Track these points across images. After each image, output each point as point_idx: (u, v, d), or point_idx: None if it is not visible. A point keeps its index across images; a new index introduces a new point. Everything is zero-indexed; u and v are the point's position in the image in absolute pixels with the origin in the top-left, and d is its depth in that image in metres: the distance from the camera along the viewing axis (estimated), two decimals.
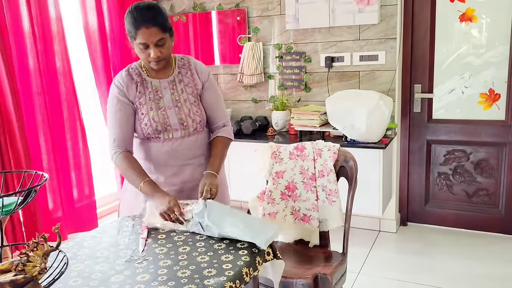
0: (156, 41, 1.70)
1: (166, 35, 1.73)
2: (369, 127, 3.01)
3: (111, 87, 1.84)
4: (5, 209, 1.44)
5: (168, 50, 1.77)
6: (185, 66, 1.90)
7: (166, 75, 1.86)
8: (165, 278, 1.31)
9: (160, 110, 1.81)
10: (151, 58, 1.73)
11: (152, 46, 1.71)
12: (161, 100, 1.82)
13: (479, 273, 2.82)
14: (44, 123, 3.12)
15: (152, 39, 1.69)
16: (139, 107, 1.81)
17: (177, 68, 1.88)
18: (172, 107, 1.82)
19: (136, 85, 1.81)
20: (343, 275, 2.04)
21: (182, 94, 1.85)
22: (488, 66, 3.19)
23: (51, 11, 3.13)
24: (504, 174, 3.27)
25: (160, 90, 1.83)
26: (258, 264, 1.47)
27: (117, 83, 1.82)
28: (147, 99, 1.81)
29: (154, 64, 1.77)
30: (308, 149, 2.22)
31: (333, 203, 2.14)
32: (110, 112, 1.83)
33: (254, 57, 3.69)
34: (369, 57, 3.40)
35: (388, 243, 3.34)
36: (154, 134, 1.80)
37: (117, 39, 3.71)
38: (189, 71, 1.89)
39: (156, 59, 1.74)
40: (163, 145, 1.82)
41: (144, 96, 1.81)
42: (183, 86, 1.86)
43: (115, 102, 1.81)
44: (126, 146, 1.82)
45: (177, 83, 1.86)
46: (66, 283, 1.31)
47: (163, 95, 1.82)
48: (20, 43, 2.95)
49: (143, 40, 1.69)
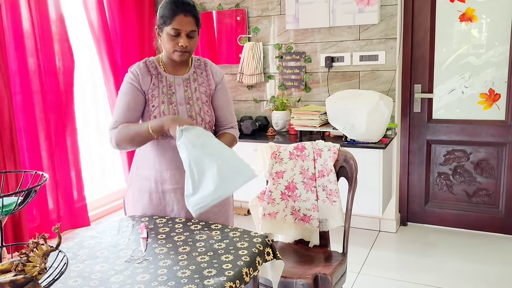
0: (189, 31, 1.74)
1: (197, 30, 1.78)
2: (369, 127, 3.01)
3: (126, 75, 1.84)
4: (5, 209, 1.44)
5: (194, 45, 1.80)
6: (200, 67, 1.93)
7: (181, 72, 1.88)
8: (165, 278, 1.31)
9: (171, 105, 1.82)
10: (178, 47, 1.75)
11: (184, 35, 1.74)
12: (173, 95, 1.83)
13: (479, 273, 2.82)
14: (44, 123, 3.12)
15: (186, 27, 1.73)
16: (151, 99, 1.81)
17: (193, 67, 1.91)
18: (184, 103, 1.83)
19: (151, 77, 1.83)
20: (343, 275, 2.04)
21: (195, 92, 1.87)
22: (488, 66, 3.19)
23: (51, 11, 3.13)
24: (504, 174, 3.27)
25: (173, 86, 1.85)
26: (258, 264, 1.47)
27: (133, 71, 1.83)
28: (160, 92, 1.82)
29: (178, 55, 1.77)
30: (308, 149, 2.22)
31: (333, 203, 2.14)
32: (119, 97, 1.83)
33: (254, 57, 3.69)
34: (369, 57, 3.40)
35: (388, 243, 3.34)
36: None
37: (118, 37, 3.72)
38: (204, 71, 1.92)
39: (184, 49, 1.75)
40: (171, 141, 1.82)
41: (157, 89, 1.82)
42: (197, 85, 1.88)
43: (127, 87, 1.81)
44: None
45: (192, 82, 1.88)
46: (66, 283, 1.31)
47: (176, 91, 1.84)
48: (19, 42, 2.95)
49: (178, 26, 1.72)
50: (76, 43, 3.50)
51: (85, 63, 3.71)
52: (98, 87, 3.82)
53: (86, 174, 3.54)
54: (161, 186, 1.85)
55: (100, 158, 3.96)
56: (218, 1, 3.87)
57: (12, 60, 2.93)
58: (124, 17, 3.77)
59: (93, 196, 3.73)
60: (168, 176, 1.85)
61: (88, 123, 3.84)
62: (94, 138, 3.87)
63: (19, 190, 1.40)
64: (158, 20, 1.78)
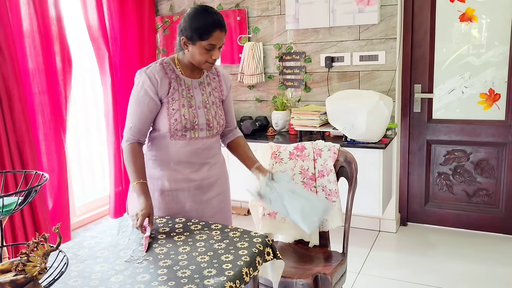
0: (222, 45, 1.81)
1: None
2: (369, 127, 3.01)
3: (141, 76, 1.82)
4: (5, 209, 1.44)
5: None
6: (212, 72, 1.98)
7: (197, 76, 1.92)
8: (165, 278, 1.31)
9: (191, 108, 1.85)
10: (211, 59, 1.80)
11: (217, 49, 1.79)
12: (192, 99, 1.87)
13: (479, 273, 2.82)
14: (44, 123, 3.12)
15: (220, 42, 1.79)
16: (171, 102, 1.83)
17: (205, 72, 1.95)
18: (202, 107, 1.87)
19: (170, 80, 1.83)
20: (343, 275, 2.04)
21: (210, 96, 1.92)
22: (488, 66, 3.19)
23: (51, 10, 3.13)
24: (504, 174, 3.27)
25: (192, 89, 1.88)
26: (258, 264, 1.47)
27: (150, 74, 1.81)
28: (180, 95, 1.84)
29: (209, 65, 1.83)
30: (308, 149, 2.22)
31: (333, 203, 2.14)
32: (134, 101, 1.83)
33: (254, 57, 3.69)
34: (369, 57, 3.40)
35: (388, 243, 3.34)
36: (182, 131, 1.83)
37: (116, 39, 3.72)
38: (216, 77, 1.99)
39: (215, 61, 1.82)
40: (188, 143, 1.85)
41: (177, 93, 1.84)
42: (211, 90, 1.94)
43: (141, 94, 1.81)
44: (139, 138, 1.85)
45: (206, 86, 1.93)
46: (66, 283, 1.31)
47: (194, 95, 1.88)
48: (19, 42, 2.95)
49: (215, 42, 1.76)
50: (76, 43, 3.51)
51: (84, 63, 3.71)
52: (97, 87, 3.80)
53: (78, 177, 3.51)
54: (175, 185, 1.88)
55: (89, 161, 3.90)
56: (218, 1, 3.88)
57: (13, 60, 2.93)
58: (124, 17, 3.76)
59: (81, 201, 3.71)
60: (182, 175, 1.87)
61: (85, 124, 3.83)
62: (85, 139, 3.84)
63: (19, 190, 1.40)
64: (189, 31, 1.76)
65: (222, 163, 2.04)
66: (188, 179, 1.88)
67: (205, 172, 1.92)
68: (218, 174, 2.00)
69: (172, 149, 1.86)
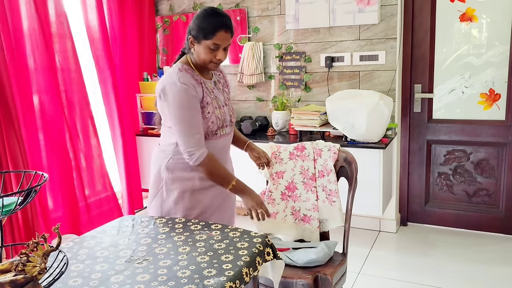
0: (227, 46, 1.83)
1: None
2: (369, 127, 3.01)
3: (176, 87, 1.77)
4: (5, 209, 1.44)
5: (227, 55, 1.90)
6: (218, 72, 2.05)
7: (208, 77, 1.96)
8: (165, 278, 1.31)
9: (220, 109, 1.91)
10: (216, 59, 1.83)
11: (221, 49, 1.82)
12: (217, 99, 1.93)
13: (479, 273, 2.82)
14: (44, 123, 3.12)
15: (225, 42, 1.82)
16: (206, 106, 1.86)
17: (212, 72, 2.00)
18: (224, 105, 1.95)
19: (200, 84, 1.85)
20: (343, 275, 2.04)
21: (224, 93, 2.00)
22: (488, 66, 3.19)
23: (53, 10, 3.13)
24: (504, 174, 3.27)
25: (214, 90, 1.93)
26: (258, 264, 1.47)
27: (187, 82, 1.78)
28: (211, 98, 1.89)
29: (214, 65, 1.86)
30: (308, 149, 2.22)
31: (333, 203, 2.14)
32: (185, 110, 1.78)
33: (254, 57, 3.68)
34: (369, 57, 3.40)
35: (388, 243, 3.34)
36: (217, 131, 1.91)
37: (116, 39, 3.71)
38: (220, 73, 2.06)
39: (220, 61, 1.85)
40: (219, 141, 1.93)
41: (208, 96, 1.88)
42: (222, 87, 2.01)
43: (191, 101, 1.79)
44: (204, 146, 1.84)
45: (218, 84, 1.99)
46: (66, 283, 1.31)
47: (216, 95, 1.94)
48: (19, 41, 2.95)
49: (218, 42, 1.79)
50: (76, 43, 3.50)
51: (85, 63, 3.70)
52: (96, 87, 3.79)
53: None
54: (206, 183, 1.91)
55: None
56: (218, 1, 3.87)
57: (13, 59, 2.93)
58: (124, 17, 3.76)
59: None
60: None
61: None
62: None
63: (19, 190, 1.40)
64: (195, 30, 1.80)
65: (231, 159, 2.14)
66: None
67: (227, 166, 2.03)
68: (232, 167, 2.12)
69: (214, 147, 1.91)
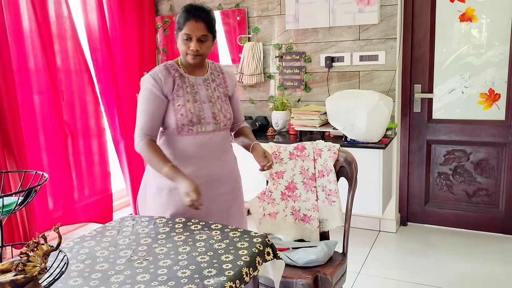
0: (200, 36, 1.83)
1: (210, 36, 1.88)
2: (369, 127, 3.01)
3: (146, 79, 1.91)
4: (5, 209, 1.44)
5: (207, 50, 1.90)
6: (216, 70, 2.05)
7: (200, 74, 1.98)
8: (165, 278, 1.31)
9: (196, 103, 1.91)
10: (190, 50, 1.85)
11: (194, 40, 1.83)
12: (197, 94, 1.93)
13: (479, 273, 2.82)
14: (44, 123, 3.12)
15: (196, 32, 1.83)
16: (176, 98, 1.89)
17: (209, 70, 2.02)
18: (207, 102, 1.93)
19: (174, 79, 1.90)
20: (343, 275, 2.04)
21: (215, 91, 1.98)
22: (488, 66, 3.19)
23: (53, 11, 3.13)
24: (504, 174, 3.27)
25: (196, 86, 1.94)
26: (258, 264, 1.47)
27: (154, 75, 1.89)
28: (185, 92, 1.91)
29: (191, 57, 1.87)
30: (308, 149, 2.22)
31: (333, 203, 2.14)
32: (141, 102, 1.91)
33: (254, 57, 3.68)
34: (369, 57, 3.40)
35: (388, 243, 3.34)
36: (189, 125, 1.88)
37: (116, 39, 3.71)
38: (220, 74, 2.05)
39: (195, 52, 1.85)
40: (195, 138, 1.90)
41: (182, 89, 1.90)
42: (215, 86, 2.00)
43: (147, 94, 1.89)
44: (152, 136, 1.90)
45: (211, 82, 1.99)
46: (66, 283, 1.31)
47: (198, 90, 1.94)
48: (20, 42, 2.95)
49: (188, 32, 1.82)
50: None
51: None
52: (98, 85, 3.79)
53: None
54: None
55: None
56: (218, 1, 3.87)
57: (14, 59, 2.93)
58: (124, 17, 3.76)
59: None
60: (189, 171, 1.87)
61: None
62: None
63: (19, 190, 1.40)
64: (175, 25, 1.89)
65: (232, 161, 2.07)
66: (195, 175, 1.87)
67: (213, 168, 1.94)
68: (228, 172, 2.02)
69: (180, 145, 1.90)
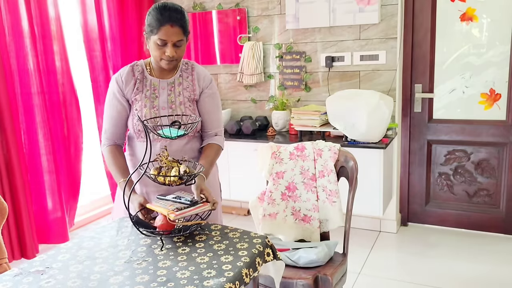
0: (176, 41, 1.74)
1: (184, 39, 1.77)
2: (370, 127, 3.00)
3: (111, 81, 1.87)
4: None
5: (182, 53, 1.80)
6: (187, 71, 1.91)
7: (167, 76, 1.88)
8: (164, 279, 1.31)
9: (153, 109, 1.83)
10: (165, 56, 1.75)
11: (170, 45, 1.74)
12: (156, 99, 1.84)
13: (479, 273, 2.81)
14: (43, 123, 3.12)
15: (173, 38, 1.72)
16: (134, 102, 1.84)
17: (179, 71, 1.90)
18: (166, 107, 1.83)
19: (135, 81, 1.85)
20: (343, 275, 2.03)
21: (178, 96, 1.86)
22: (489, 66, 3.18)
23: (50, 11, 3.12)
24: (505, 174, 3.26)
25: (157, 89, 1.86)
26: (258, 265, 1.46)
27: (118, 77, 1.86)
28: (143, 96, 1.84)
29: (166, 63, 1.78)
30: (308, 149, 2.21)
31: (333, 204, 2.13)
32: (106, 105, 1.90)
33: (254, 57, 3.68)
34: (369, 56, 3.39)
35: (388, 243, 3.33)
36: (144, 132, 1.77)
37: (116, 39, 3.71)
38: (190, 76, 1.91)
39: (171, 58, 1.76)
40: (152, 145, 1.78)
41: (141, 93, 1.84)
42: (181, 89, 1.87)
43: (111, 97, 1.87)
44: (115, 140, 1.88)
45: (176, 86, 1.87)
46: (65, 283, 1.30)
47: (159, 95, 1.85)
48: (19, 42, 2.94)
49: (164, 37, 1.72)
50: (76, 43, 3.49)
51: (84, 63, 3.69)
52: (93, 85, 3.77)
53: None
54: (145, 188, 1.87)
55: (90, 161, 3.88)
56: (218, 1, 3.87)
57: (13, 60, 2.93)
58: (124, 17, 3.76)
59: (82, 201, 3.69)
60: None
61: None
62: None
63: None
64: (146, 27, 1.77)
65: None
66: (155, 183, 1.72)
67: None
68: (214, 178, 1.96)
69: (139, 150, 1.86)
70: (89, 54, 3.50)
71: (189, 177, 1.57)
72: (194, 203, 1.56)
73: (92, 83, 3.56)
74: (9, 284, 1.31)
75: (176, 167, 1.57)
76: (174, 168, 1.57)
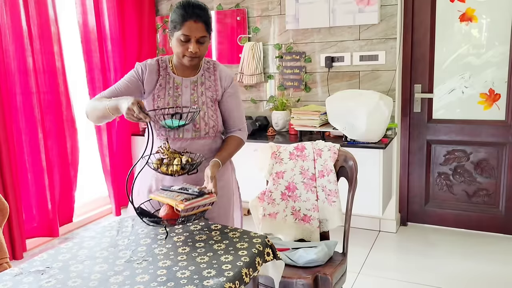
0: (199, 37, 1.74)
1: (207, 36, 1.78)
2: (369, 127, 3.01)
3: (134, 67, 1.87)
4: None
5: (205, 50, 1.80)
6: (209, 70, 1.91)
7: (190, 74, 1.88)
8: (164, 279, 1.31)
9: (177, 102, 1.83)
10: (188, 52, 1.75)
11: (194, 41, 1.74)
12: (179, 97, 1.84)
13: (479, 273, 2.81)
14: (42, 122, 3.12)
15: (196, 33, 1.73)
16: (156, 99, 1.83)
17: (202, 70, 1.90)
18: (189, 107, 1.82)
19: (159, 77, 1.84)
20: (343, 275, 2.04)
21: (201, 96, 1.86)
22: (488, 66, 3.18)
23: (50, 12, 3.13)
24: (504, 174, 3.26)
25: (180, 88, 1.85)
26: (257, 264, 1.46)
27: (141, 65, 1.85)
28: (167, 94, 1.83)
29: (188, 60, 1.78)
30: (308, 149, 2.21)
31: (332, 204, 2.14)
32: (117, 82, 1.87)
33: (254, 57, 3.68)
34: (369, 57, 3.40)
35: (388, 243, 3.33)
36: (166, 129, 1.80)
37: (116, 39, 3.71)
38: (213, 75, 1.91)
39: (193, 55, 1.76)
40: (172, 144, 1.80)
41: (164, 90, 1.83)
42: (204, 89, 1.87)
43: (127, 75, 1.85)
44: None
45: (199, 85, 1.87)
46: (66, 283, 1.30)
47: (182, 93, 1.84)
48: (18, 42, 2.95)
49: (187, 33, 1.72)
50: (75, 43, 3.50)
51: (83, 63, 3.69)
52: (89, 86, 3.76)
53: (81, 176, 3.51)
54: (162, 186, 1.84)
55: (89, 161, 3.88)
56: (218, 1, 3.87)
57: (11, 60, 2.93)
58: (124, 17, 3.76)
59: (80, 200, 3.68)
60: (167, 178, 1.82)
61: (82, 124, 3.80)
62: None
63: None
64: (170, 23, 1.78)
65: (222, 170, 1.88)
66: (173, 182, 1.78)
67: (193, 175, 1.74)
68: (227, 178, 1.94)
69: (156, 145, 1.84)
70: (87, 55, 3.50)
71: (191, 167, 1.60)
72: (201, 194, 1.57)
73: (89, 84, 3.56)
74: (10, 283, 1.32)
75: (178, 158, 1.61)
76: (176, 159, 1.61)
